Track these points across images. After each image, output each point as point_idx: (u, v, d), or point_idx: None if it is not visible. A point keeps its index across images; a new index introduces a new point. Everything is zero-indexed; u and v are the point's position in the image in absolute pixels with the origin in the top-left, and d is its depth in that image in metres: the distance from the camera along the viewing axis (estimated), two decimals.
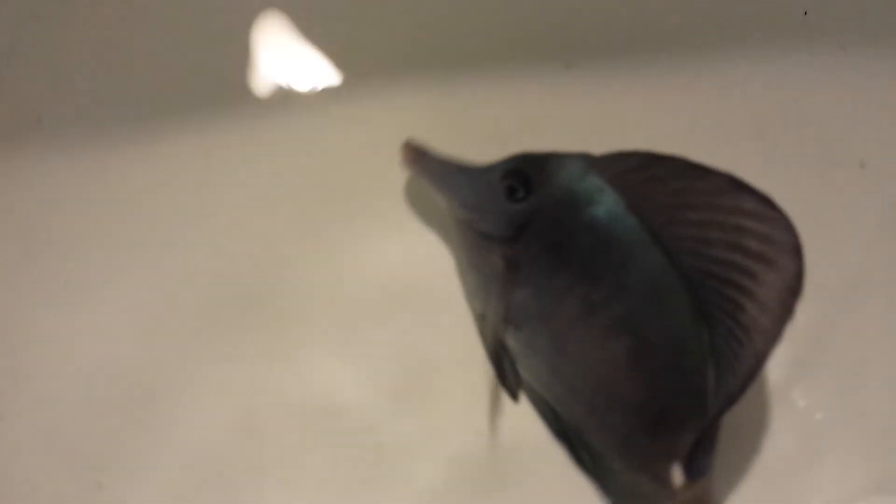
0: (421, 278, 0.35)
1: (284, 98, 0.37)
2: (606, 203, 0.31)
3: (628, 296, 0.31)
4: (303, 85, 0.37)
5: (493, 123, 0.37)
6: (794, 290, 0.28)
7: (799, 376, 0.34)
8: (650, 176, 0.30)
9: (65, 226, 0.36)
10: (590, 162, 0.31)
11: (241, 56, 0.37)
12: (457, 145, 0.34)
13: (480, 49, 0.38)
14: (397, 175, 0.35)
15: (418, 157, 0.33)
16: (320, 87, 0.37)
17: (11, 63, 0.37)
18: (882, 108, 0.37)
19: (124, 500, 0.33)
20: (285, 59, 0.37)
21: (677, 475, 0.31)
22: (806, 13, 0.37)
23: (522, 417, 0.34)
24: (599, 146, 0.31)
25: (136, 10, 0.37)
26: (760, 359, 0.29)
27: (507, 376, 0.33)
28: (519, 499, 0.33)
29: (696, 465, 0.31)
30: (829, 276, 0.35)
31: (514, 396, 0.33)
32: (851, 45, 0.37)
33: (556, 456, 0.33)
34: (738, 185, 0.28)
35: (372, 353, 0.35)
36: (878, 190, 0.36)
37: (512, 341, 0.33)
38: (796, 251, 0.28)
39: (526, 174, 0.32)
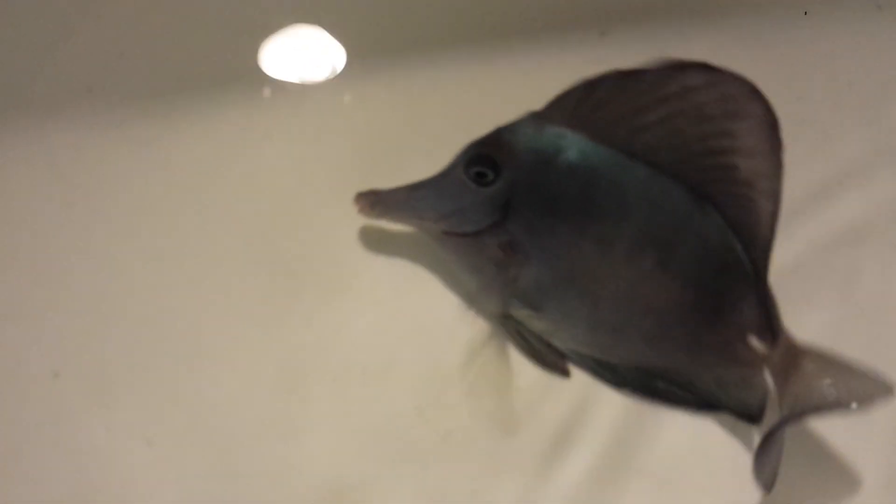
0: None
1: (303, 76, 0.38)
2: (572, 144, 0.31)
3: (632, 215, 0.31)
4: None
5: (527, 92, 0.37)
6: (771, 124, 0.29)
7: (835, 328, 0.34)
8: (595, 102, 0.30)
9: (111, 190, 0.37)
10: (538, 116, 0.31)
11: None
12: (492, 115, 0.33)
13: (515, 18, 0.38)
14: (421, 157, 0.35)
15: (374, 199, 0.33)
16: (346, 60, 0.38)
17: (66, 33, 0.38)
18: None
19: (173, 456, 0.33)
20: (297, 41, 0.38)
21: (758, 344, 0.31)
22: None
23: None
24: None
25: None
26: (775, 197, 0.30)
27: (548, 357, 0.33)
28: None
29: (769, 325, 0.31)
30: (871, 233, 0.35)
31: (565, 373, 0.33)
32: (887, 4, 0.37)
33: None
34: (674, 68, 0.29)
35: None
36: None
37: (540, 324, 0.33)
38: (754, 92, 0.29)
39: (487, 155, 0.32)
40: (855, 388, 0.29)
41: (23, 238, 0.36)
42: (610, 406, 0.33)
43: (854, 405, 0.29)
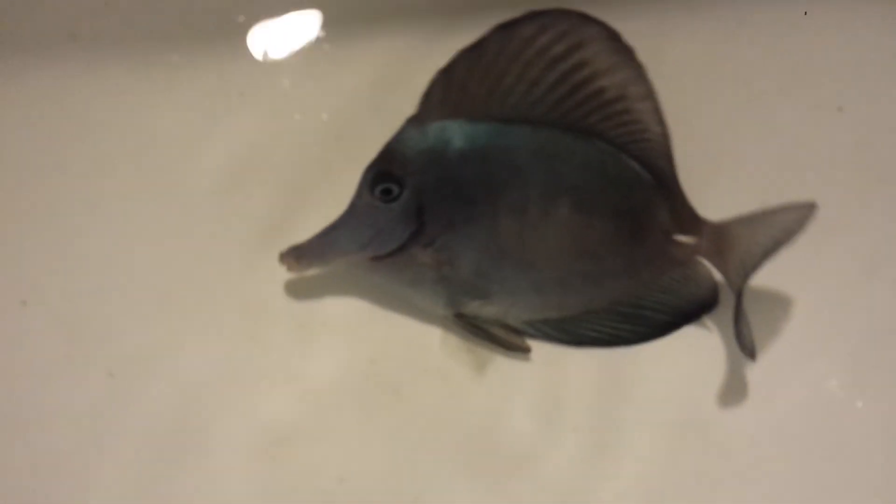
0: None
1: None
2: (455, 132, 0.32)
3: (531, 175, 0.33)
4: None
5: None
6: (613, 37, 0.31)
7: (780, 312, 0.36)
8: (457, 86, 0.32)
9: (87, 135, 0.37)
10: (417, 119, 0.32)
11: None
12: None
13: None
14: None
15: (297, 254, 0.34)
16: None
17: None
18: (860, 54, 0.38)
19: (133, 390, 0.34)
20: None
21: (685, 239, 0.33)
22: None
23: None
24: None
25: None
26: (650, 95, 0.32)
27: (509, 340, 0.35)
28: None
29: (687, 218, 0.33)
30: None
31: (526, 350, 0.35)
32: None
33: None
34: (506, 27, 0.31)
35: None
36: (855, 133, 0.37)
37: (492, 308, 0.34)
38: (584, 18, 0.31)
39: (386, 171, 0.33)
40: (785, 222, 0.31)
41: None
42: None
43: (792, 235, 0.31)
